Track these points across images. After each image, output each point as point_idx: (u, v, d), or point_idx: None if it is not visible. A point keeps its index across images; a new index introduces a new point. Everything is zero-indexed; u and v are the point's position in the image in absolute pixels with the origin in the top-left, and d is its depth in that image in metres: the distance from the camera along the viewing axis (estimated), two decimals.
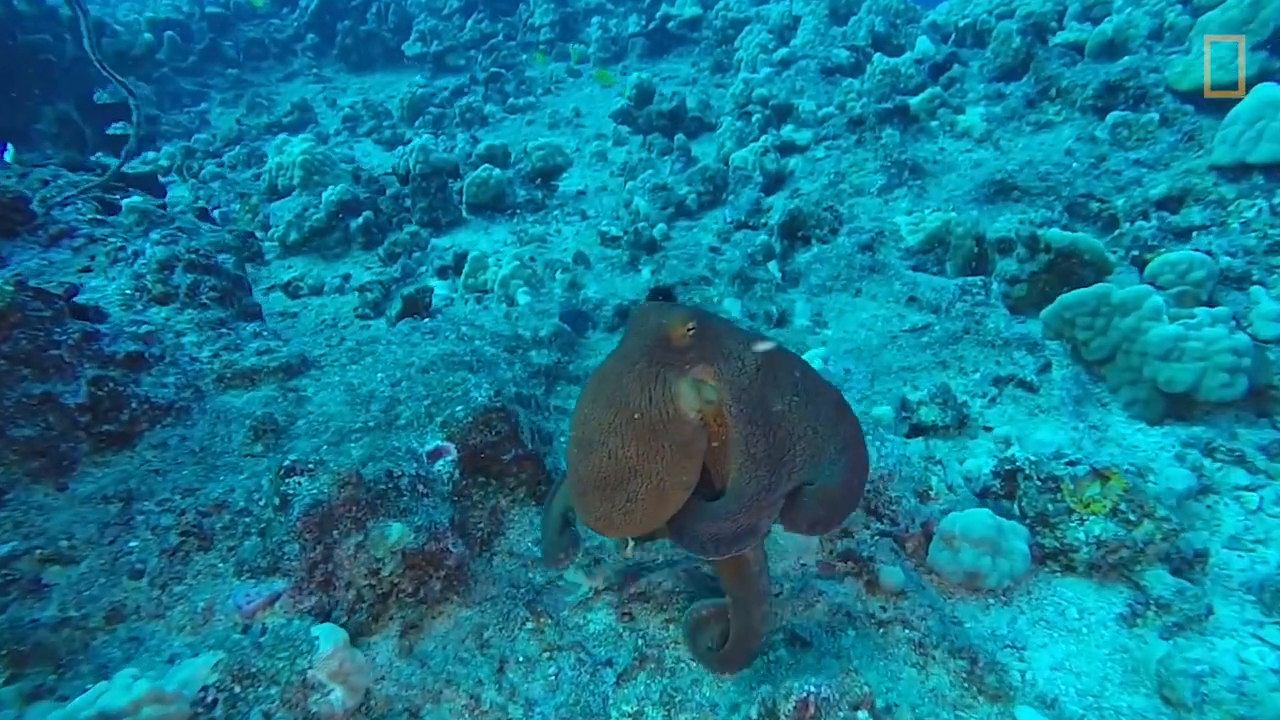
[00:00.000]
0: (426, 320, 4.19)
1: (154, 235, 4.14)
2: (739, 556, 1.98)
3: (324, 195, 6.44)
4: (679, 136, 7.90)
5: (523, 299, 4.47)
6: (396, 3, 16.40)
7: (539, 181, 7.22)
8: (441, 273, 5.77)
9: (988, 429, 3.69)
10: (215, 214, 7.15)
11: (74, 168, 7.38)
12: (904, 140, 6.23)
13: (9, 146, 6.25)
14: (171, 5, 15.49)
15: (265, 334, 3.66)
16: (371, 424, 3.21)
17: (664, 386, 1.94)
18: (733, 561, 2.04)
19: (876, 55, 7.86)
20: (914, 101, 6.56)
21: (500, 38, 16.13)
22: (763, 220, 5.52)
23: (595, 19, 14.67)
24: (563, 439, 3.81)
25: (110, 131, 8.34)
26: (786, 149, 7.65)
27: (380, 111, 13.24)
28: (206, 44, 15.57)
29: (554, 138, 10.63)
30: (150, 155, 10.81)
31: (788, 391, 1.99)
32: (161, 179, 8.44)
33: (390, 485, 2.69)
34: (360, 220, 6.21)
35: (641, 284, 4.58)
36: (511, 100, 12.67)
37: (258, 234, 6.34)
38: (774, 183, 6.75)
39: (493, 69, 13.44)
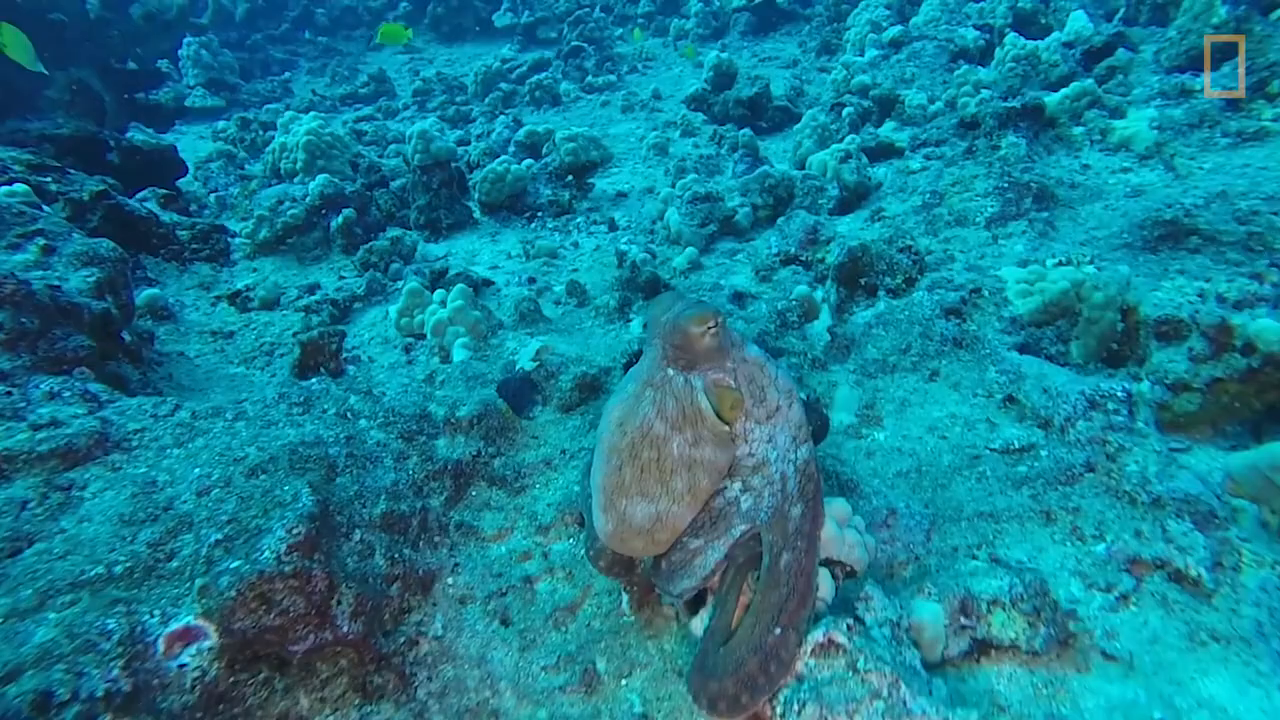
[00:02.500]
0: (315, 381, 3.11)
1: None
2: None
3: (308, 186, 5.52)
4: (744, 132, 6.49)
5: (459, 354, 3.33)
6: None
7: (570, 179, 6.03)
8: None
9: (1109, 658, 2.24)
10: (212, 199, 6.41)
11: (84, 139, 6.84)
12: (1031, 152, 4.61)
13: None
14: None
15: (72, 395, 2.69)
16: (122, 567, 2.15)
17: (690, 396, 1.86)
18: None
19: (1010, 36, 6.13)
20: (1053, 99, 4.89)
21: (595, 9, 14.99)
22: (820, 255, 4.13)
23: None
24: (455, 577, 2.69)
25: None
26: (881, 152, 6.11)
27: (454, 85, 12.42)
28: (299, 11, 15.29)
29: (624, 124, 9.41)
30: (220, 125, 10.41)
31: None
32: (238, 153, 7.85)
33: None
34: (340, 219, 5.24)
35: (625, 343, 3.35)
36: (590, 78, 11.52)
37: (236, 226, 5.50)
38: (853, 198, 5.26)
39: (575, 43, 12.30)
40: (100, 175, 6.08)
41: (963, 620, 2.25)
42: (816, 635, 1.94)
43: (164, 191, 5.44)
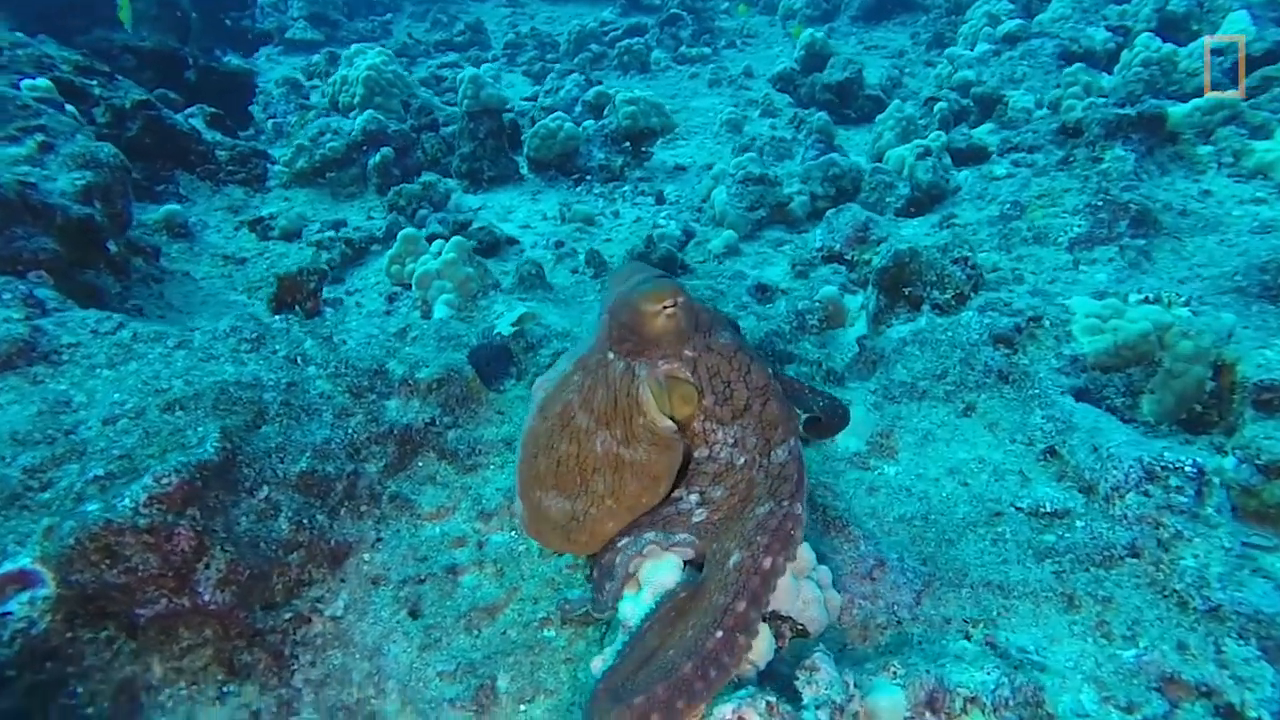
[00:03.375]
0: (278, 319, 2.88)
1: None
2: None
3: (346, 123, 5.34)
4: (818, 115, 5.96)
5: (440, 311, 3.05)
6: None
7: (627, 145, 5.67)
8: (436, 239, 4.46)
9: None
10: (269, 125, 6.34)
11: (165, 54, 6.88)
12: (1140, 169, 3.97)
13: (124, 6, 5.61)
14: None
15: (12, 299, 2.54)
16: None
17: (630, 382, 1.60)
18: None
19: (1143, 37, 5.38)
20: (1178, 110, 4.20)
21: None
22: (866, 255, 3.65)
23: None
24: (373, 553, 2.43)
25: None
26: (972, 155, 5.49)
27: (546, 42, 12.18)
28: None
29: (708, 98, 8.95)
30: (314, 59, 10.48)
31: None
32: (304, 84, 7.84)
33: None
34: (377, 157, 5.04)
35: None
36: (683, 49, 11.06)
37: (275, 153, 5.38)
38: (925, 200, 4.71)
39: (673, 10, 11.84)
40: (176, 91, 6.10)
41: (928, 716, 1.83)
42: (724, 710, 1.57)
43: (212, 110, 5.38)
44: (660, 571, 1.77)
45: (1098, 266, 3.47)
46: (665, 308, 1.61)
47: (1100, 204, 3.71)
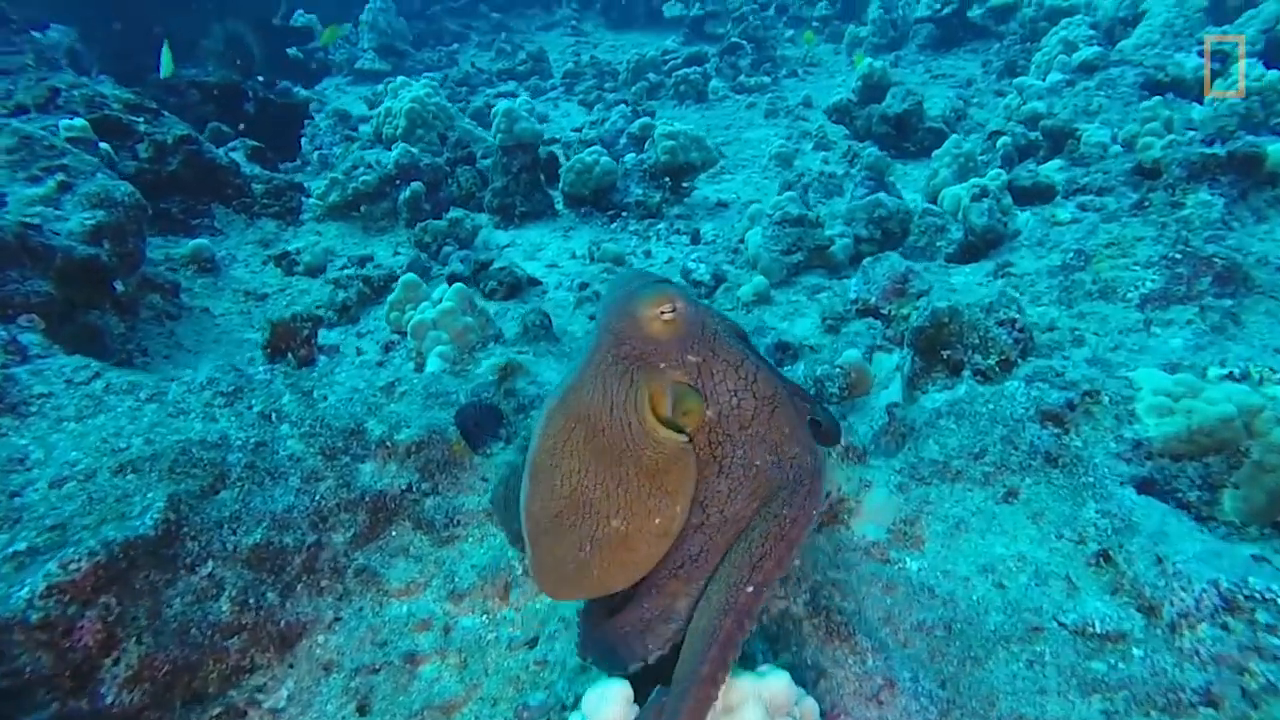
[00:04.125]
0: (261, 369, 2.75)
1: None
2: None
3: (386, 155, 5.30)
4: (869, 151, 5.63)
5: (433, 364, 2.87)
6: None
7: (666, 181, 5.46)
8: (454, 280, 4.33)
9: None
10: (315, 155, 6.40)
11: (227, 88, 7.07)
12: (1230, 217, 3.52)
13: (165, 56, 5.84)
14: None
15: None
16: None
17: (629, 385, 1.46)
18: None
19: (1240, 65, 4.87)
20: (1277, 148, 3.72)
21: (770, 8, 14.24)
22: (905, 310, 3.31)
23: None
24: (329, 635, 2.26)
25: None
26: (1038, 194, 5.07)
27: (605, 71, 12.16)
28: None
29: (762, 129, 8.70)
30: (379, 89, 10.74)
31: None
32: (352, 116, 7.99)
33: None
34: (407, 193, 4.97)
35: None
36: (742, 78, 10.85)
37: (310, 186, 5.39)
38: (980, 245, 4.33)
39: (733, 39, 11.66)
40: (237, 121, 6.24)
41: None
42: None
43: (254, 144, 5.43)
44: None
45: (1173, 329, 3.05)
46: (663, 313, 1.50)
47: (1179, 256, 3.28)
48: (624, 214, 5.33)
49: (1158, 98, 4.60)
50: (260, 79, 8.44)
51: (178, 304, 3.87)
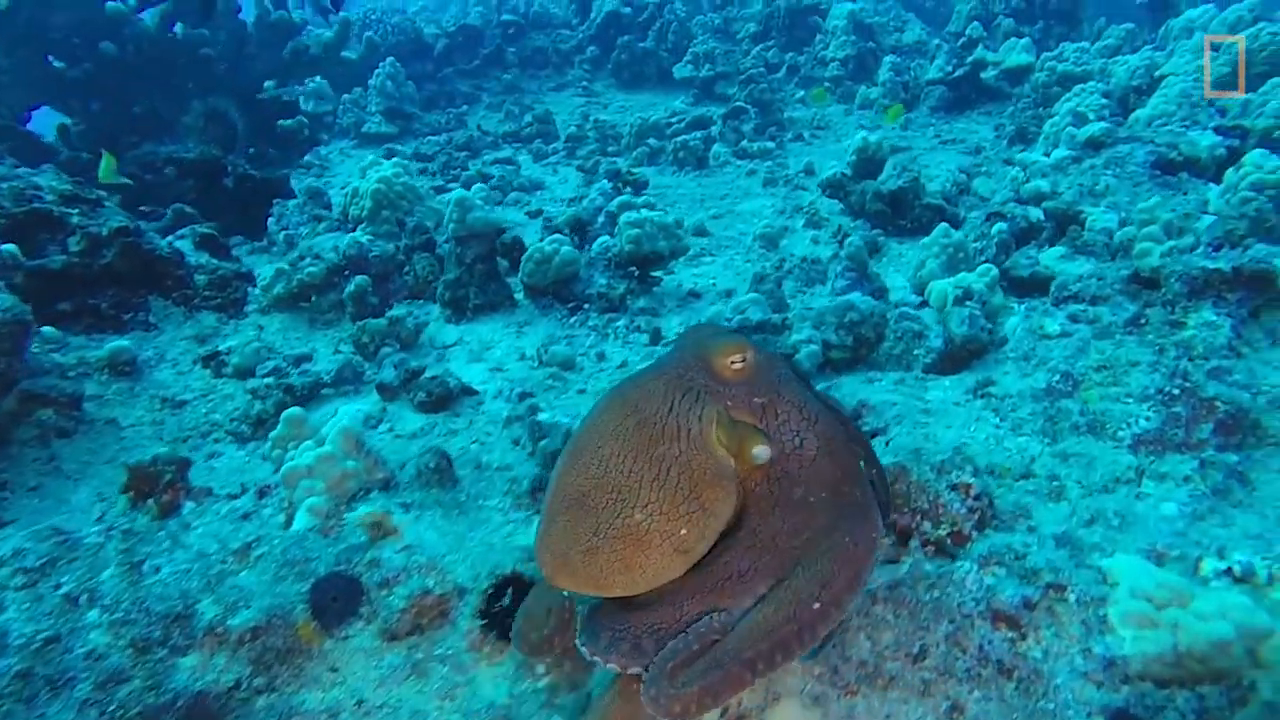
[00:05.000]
0: (94, 529, 2.42)
1: None
2: None
3: (343, 240, 5.06)
4: (852, 239, 5.24)
5: (301, 520, 2.52)
6: (680, 23, 15.17)
7: (633, 270, 5.13)
8: (384, 390, 4.01)
9: None
10: (281, 236, 6.21)
11: (206, 164, 6.97)
12: (1238, 342, 3.04)
13: (104, 162, 5.71)
14: (465, 11, 15.86)
15: None
16: None
17: (695, 401, 1.54)
18: None
19: (1253, 155, 4.42)
20: None
21: (782, 69, 14.10)
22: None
23: (888, 59, 11.97)
24: None
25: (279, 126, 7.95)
26: (1037, 286, 4.65)
27: (609, 134, 12.01)
28: (492, 49, 15.78)
29: (759, 199, 8.38)
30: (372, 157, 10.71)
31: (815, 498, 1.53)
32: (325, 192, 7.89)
33: None
34: (352, 286, 4.70)
35: (517, 551, 2.38)
36: (744, 143, 10.60)
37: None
38: (961, 355, 3.89)
39: (738, 103, 11.46)
40: (216, 197, 6.11)
41: None
42: None
43: (204, 230, 5.23)
44: None
45: (1168, 485, 2.58)
46: (733, 362, 1.60)
47: (1177, 392, 2.82)
48: (586, 306, 4.99)
49: (1156, 199, 4.16)
50: (251, 150, 8.40)
51: (76, 417, 3.59)
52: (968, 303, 3.98)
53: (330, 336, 4.75)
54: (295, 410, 2.98)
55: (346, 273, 4.87)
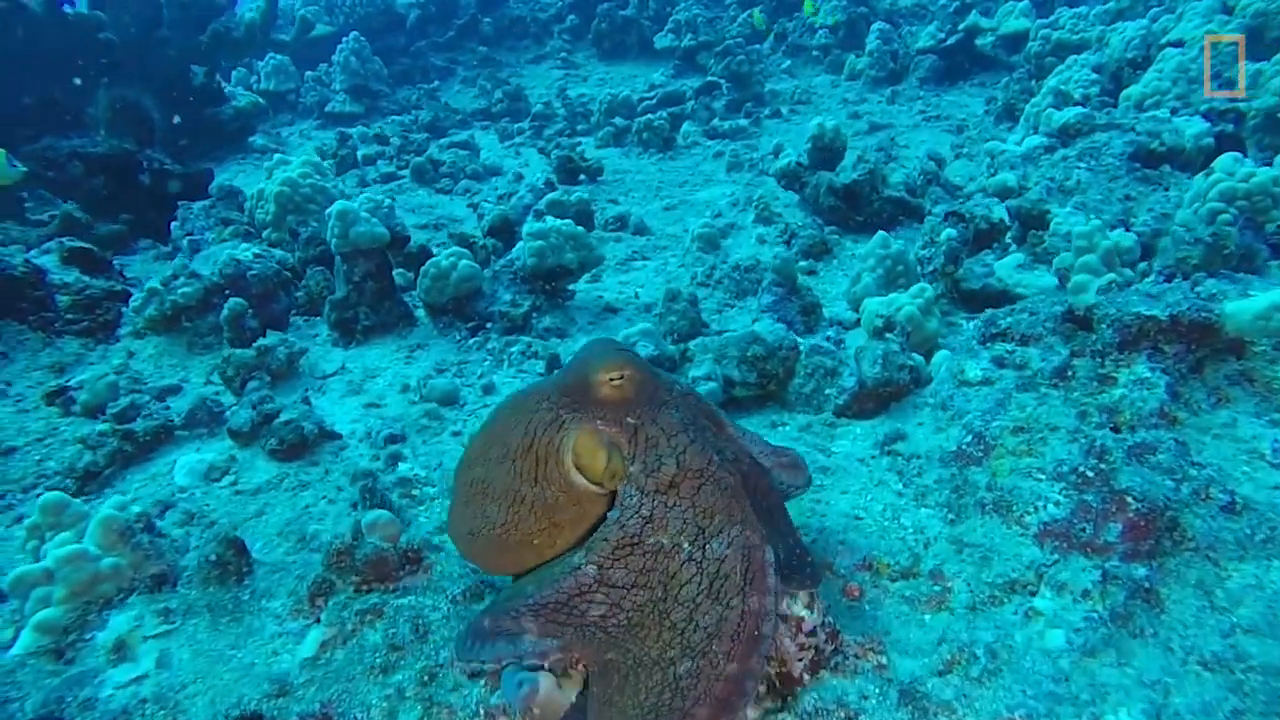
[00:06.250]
0: None
1: None
2: None
3: (228, 255, 4.64)
4: (777, 252, 4.72)
5: (25, 640, 2.14)
6: None
7: (542, 285, 4.66)
8: (237, 435, 3.61)
9: None
10: (185, 242, 5.79)
11: (118, 159, 6.55)
12: (1174, 404, 2.54)
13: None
14: None
15: None
16: None
17: (556, 430, 1.67)
18: None
19: (1223, 159, 3.85)
20: (1244, 310, 2.70)
21: (767, 43, 13.33)
22: None
23: (876, 26, 11.22)
24: None
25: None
26: (991, 301, 4.15)
27: (578, 112, 11.42)
28: (467, 20, 15.10)
29: (719, 187, 7.82)
30: (326, 141, 10.22)
31: (690, 538, 1.57)
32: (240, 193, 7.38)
33: None
34: (226, 310, 4.28)
35: (270, 677, 2.00)
36: (716, 121, 9.99)
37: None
38: (877, 396, 3.42)
39: (710, 77, 10.81)
40: (133, 196, 5.70)
41: None
42: None
43: (74, 244, 4.82)
44: None
45: (1065, 600, 2.12)
46: (612, 379, 1.67)
47: (1091, 474, 2.35)
48: (489, 325, 4.55)
49: (1096, 223, 3.59)
50: (184, 143, 7.95)
51: None
52: (889, 335, 3.49)
53: (208, 363, 4.35)
54: (53, 495, 2.59)
55: (227, 292, 4.45)
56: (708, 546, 1.57)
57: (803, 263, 5.37)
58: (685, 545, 1.56)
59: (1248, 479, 2.43)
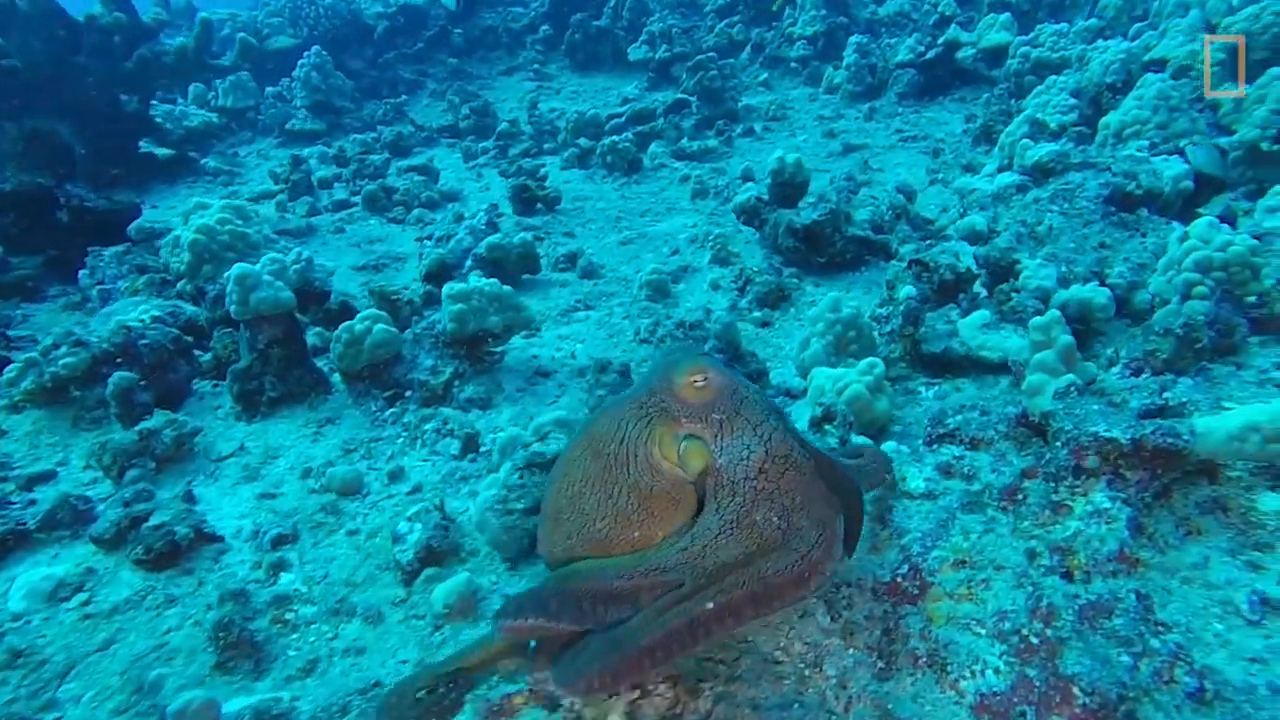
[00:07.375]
0: None
1: None
2: None
3: (138, 312, 4.25)
4: (717, 316, 4.36)
5: None
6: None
7: (465, 350, 4.29)
8: (100, 541, 3.23)
9: None
10: (95, 291, 5.41)
11: (30, 195, 6.16)
12: (1132, 540, 2.18)
13: None
14: None
15: None
16: None
17: (645, 427, 1.76)
18: None
19: (1199, 224, 3.49)
20: (1217, 429, 2.35)
21: (743, 55, 12.95)
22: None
23: (854, 39, 10.85)
24: None
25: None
26: (949, 366, 3.80)
27: (545, 130, 11.03)
28: (437, 31, 14.68)
29: (680, 217, 7.45)
30: (279, 165, 9.81)
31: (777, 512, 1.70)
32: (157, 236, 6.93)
33: None
34: (112, 385, 3.90)
35: None
36: (685, 141, 9.62)
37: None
38: None
39: (680, 94, 10.44)
40: (48, 234, 5.32)
41: None
42: None
43: None
44: None
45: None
46: (694, 382, 1.74)
47: (1036, 641, 2.00)
48: (408, 393, 4.17)
49: (1053, 311, 3.22)
50: (116, 172, 7.54)
51: None
52: (828, 428, 3.12)
53: (95, 440, 3.97)
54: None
55: (118, 360, 4.07)
56: (792, 518, 1.72)
57: (756, 313, 5.01)
58: (775, 520, 1.70)
59: (1220, 644, 2.07)
